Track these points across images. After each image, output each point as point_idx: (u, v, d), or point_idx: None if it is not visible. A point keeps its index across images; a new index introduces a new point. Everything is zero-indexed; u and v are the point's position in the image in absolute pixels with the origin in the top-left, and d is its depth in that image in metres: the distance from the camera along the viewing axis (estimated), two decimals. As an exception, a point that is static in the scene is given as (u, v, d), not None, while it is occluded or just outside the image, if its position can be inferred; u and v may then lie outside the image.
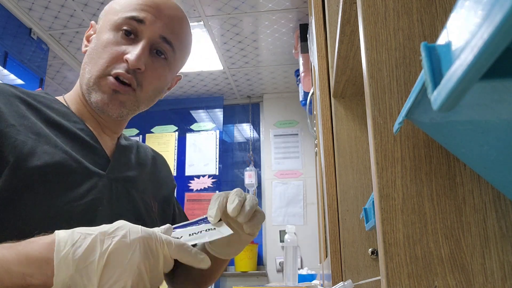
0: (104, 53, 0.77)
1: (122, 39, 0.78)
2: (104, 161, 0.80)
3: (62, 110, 0.80)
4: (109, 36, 0.78)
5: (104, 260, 0.52)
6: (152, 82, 0.81)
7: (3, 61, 2.89)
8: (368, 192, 0.99)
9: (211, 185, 3.98)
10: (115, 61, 0.77)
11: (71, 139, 0.76)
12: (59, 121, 0.77)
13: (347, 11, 0.76)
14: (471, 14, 0.20)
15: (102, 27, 0.81)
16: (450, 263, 0.37)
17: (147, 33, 0.78)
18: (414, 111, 0.33)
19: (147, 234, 0.55)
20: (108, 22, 0.80)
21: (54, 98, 0.82)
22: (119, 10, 0.80)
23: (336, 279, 1.02)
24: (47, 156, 0.69)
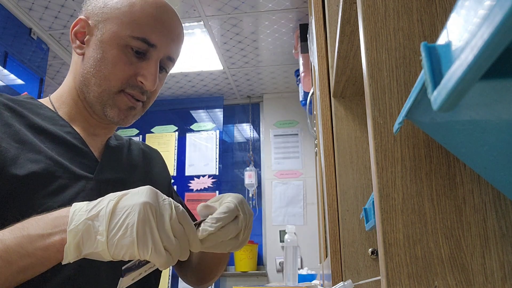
0: (116, 70, 0.77)
1: (133, 58, 0.78)
2: (93, 164, 0.80)
3: (48, 115, 0.80)
4: (118, 53, 0.77)
5: (112, 204, 0.54)
6: (156, 93, 0.86)
7: (3, 61, 2.89)
8: (368, 192, 0.99)
9: (211, 185, 3.98)
10: (128, 80, 0.78)
11: (57, 144, 0.76)
12: (44, 126, 0.77)
13: (347, 11, 0.76)
14: (471, 14, 0.20)
15: (106, 37, 0.78)
16: (450, 263, 0.37)
17: (157, 55, 0.80)
18: (414, 111, 0.33)
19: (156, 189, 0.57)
20: (114, 34, 0.77)
21: (39, 103, 0.82)
22: (126, 24, 0.77)
23: (336, 279, 1.02)
24: (30, 164, 0.69)
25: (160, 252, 0.53)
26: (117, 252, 0.53)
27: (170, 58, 0.83)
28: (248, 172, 4.00)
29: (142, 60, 0.79)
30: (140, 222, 0.53)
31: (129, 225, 0.53)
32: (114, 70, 0.77)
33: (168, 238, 0.54)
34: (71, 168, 0.75)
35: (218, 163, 4.04)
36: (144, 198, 0.54)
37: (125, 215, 0.54)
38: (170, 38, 0.80)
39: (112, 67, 0.77)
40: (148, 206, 0.54)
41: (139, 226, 0.53)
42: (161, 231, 0.54)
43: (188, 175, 4.03)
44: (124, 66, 0.77)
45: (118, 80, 0.78)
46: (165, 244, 0.54)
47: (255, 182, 3.97)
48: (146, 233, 0.53)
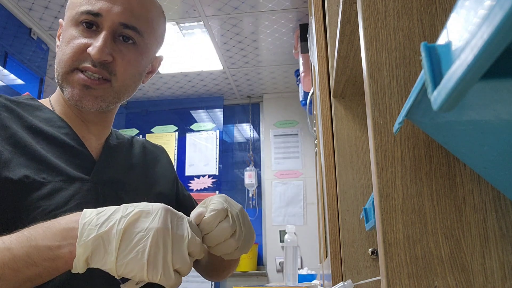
0: (67, 48, 0.76)
1: (84, 33, 0.77)
2: (90, 165, 0.79)
3: (47, 116, 0.80)
4: (71, 32, 0.77)
5: (125, 223, 0.54)
6: (126, 69, 0.79)
7: (3, 61, 2.89)
8: (368, 192, 0.99)
9: (211, 185, 3.98)
10: (79, 55, 0.76)
11: (53, 145, 0.76)
12: (41, 128, 0.76)
13: (347, 11, 0.76)
14: (471, 14, 0.20)
15: (65, 24, 0.80)
16: (450, 263, 0.37)
17: (106, 24, 0.76)
18: (414, 111, 0.33)
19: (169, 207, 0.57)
20: (69, 17, 0.79)
21: (39, 104, 0.82)
22: (76, 4, 0.79)
23: (336, 279, 1.02)
24: (23, 167, 0.69)
25: (169, 276, 0.54)
26: (125, 272, 0.54)
27: (126, 26, 0.78)
28: (248, 172, 4.00)
29: (94, 34, 0.77)
30: (153, 248, 0.53)
31: (141, 249, 0.53)
32: (67, 48, 0.77)
33: (183, 259, 0.55)
34: (66, 170, 0.74)
35: (218, 163, 4.04)
36: (158, 223, 0.55)
37: (137, 238, 0.54)
38: (118, 3, 0.77)
39: (65, 46, 0.77)
40: (162, 232, 0.54)
41: (151, 251, 0.53)
42: (176, 254, 0.55)
43: (188, 175, 4.03)
44: (74, 42, 0.76)
45: (69, 57, 0.76)
46: (179, 266, 0.55)
47: (255, 182, 3.97)
48: (157, 258, 0.53)
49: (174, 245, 0.55)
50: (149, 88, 4.05)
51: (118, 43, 0.78)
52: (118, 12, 0.77)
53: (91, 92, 0.76)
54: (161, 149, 1.02)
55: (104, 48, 0.75)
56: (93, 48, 0.74)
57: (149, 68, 0.89)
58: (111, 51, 0.77)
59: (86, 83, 0.76)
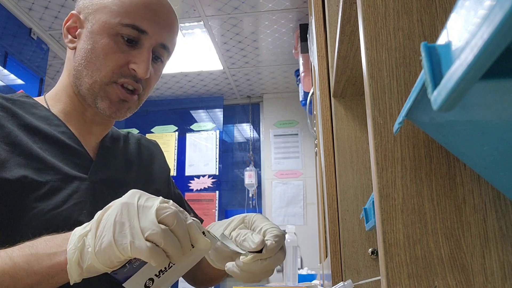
0: (107, 60, 0.76)
1: (123, 46, 0.77)
2: (88, 163, 0.79)
3: (43, 114, 0.79)
4: (109, 42, 0.76)
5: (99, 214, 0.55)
6: (152, 85, 0.83)
7: (3, 61, 2.89)
8: (368, 192, 0.99)
9: (211, 185, 3.98)
10: (120, 69, 0.77)
11: (50, 144, 0.75)
12: (38, 126, 0.75)
13: (347, 11, 0.76)
14: (471, 14, 0.20)
15: (96, 28, 0.77)
16: (450, 263, 0.37)
17: (149, 43, 0.78)
18: (414, 111, 0.33)
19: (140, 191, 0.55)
20: (103, 24, 0.77)
21: (34, 102, 0.81)
22: (115, 13, 0.76)
23: (336, 279, 1.02)
24: (20, 167, 0.68)
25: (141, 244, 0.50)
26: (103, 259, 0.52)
27: (164, 46, 0.81)
28: (248, 172, 4.00)
29: (134, 49, 0.77)
30: (118, 221, 0.51)
31: (107, 227, 0.52)
32: (105, 59, 0.76)
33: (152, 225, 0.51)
34: (63, 169, 0.73)
35: (218, 163, 4.04)
36: (123, 200, 0.53)
37: (106, 221, 0.53)
38: (162, 25, 0.79)
39: (103, 57, 0.76)
40: (126, 205, 0.53)
41: (116, 225, 0.51)
42: (143, 221, 0.51)
43: (188, 175, 4.03)
44: (115, 55, 0.76)
45: (109, 69, 0.76)
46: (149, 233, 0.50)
47: (255, 182, 3.97)
48: (123, 229, 0.51)
49: (141, 214, 0.52)
50: (149, 88, 4.05)
51: (152, 61, 0.81)
52: (162, 33, 0.79)
53: (125, 105, 0.79)
54: (155, 145, 1.02)
55: (149, 67, 0.78)
56: (140, 68, 0.76)
57: None
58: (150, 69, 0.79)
59: (125, 97, 0.78)
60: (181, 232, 0.53)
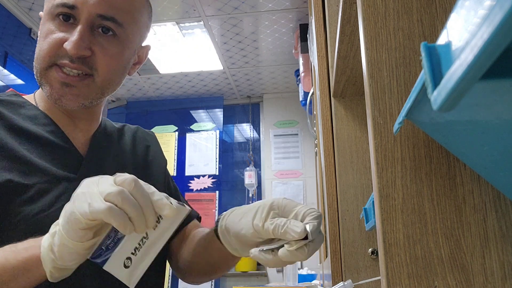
0: (44, 44, 0.73)
1: (60, 26, 0.72)
2: (78, 162, 0.76)
3: (31, 113, 0.77)
4: (48, 26, 0.73)
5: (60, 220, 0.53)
6: (108, 63, 0.75)
7: (3, 61, 2.89)
8: (368, 192, 0.99)
9: (211, 185, 3.98)
10: (56, 50, 0.72)
11: (38, 145, 0.73)
12: (24, 127, 0.73)
13: (347, 11, 0.76)
14: (471, 14, 0.20)
15: (43, 17, 0.76)
16: (450, 263, 0.37)
17: (82, 16, 0.72)
18: (414, 111, 0.33)
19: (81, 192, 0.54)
20: (46, 10, 0.75)
21: (23, 101, 0.79)
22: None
23: (336, 279, 1.02)
24: (5, 173, 0.66)
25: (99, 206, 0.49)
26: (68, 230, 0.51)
27: (104, 17, 0.73)
28: (248, 172, 4.00)
29: (69, 27, 0.72)
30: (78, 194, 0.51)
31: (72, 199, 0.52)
32: (43, 44, 0.73)
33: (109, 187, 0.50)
34: (51, 170, 0.71)
35: (218, 163, 4.05)
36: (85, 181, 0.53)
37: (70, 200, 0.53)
38: None
39: (42, 41, 0.73)
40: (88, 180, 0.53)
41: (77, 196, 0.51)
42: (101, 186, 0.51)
43: (188, 175, 4.03)
44: (50, 36, 0.72)
45: (46, 52, 0.72)
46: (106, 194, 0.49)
47: (255, 182, 3.97)
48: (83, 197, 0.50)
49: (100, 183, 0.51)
50: (149, 88, 4.05)
51: (97, 36, 0.74)
52: (95, 3, 0.72)
53: (71, 90, 0.73)
54: (152, 136, 0.98)
55: (80, 42, 0.70)
56: (69, 43, 0.70)
57: (135, 59, 0.85)
58: (90, 44, 0.72)
59: (65, 80, 0.72)
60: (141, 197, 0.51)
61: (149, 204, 0.52)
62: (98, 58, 0.74)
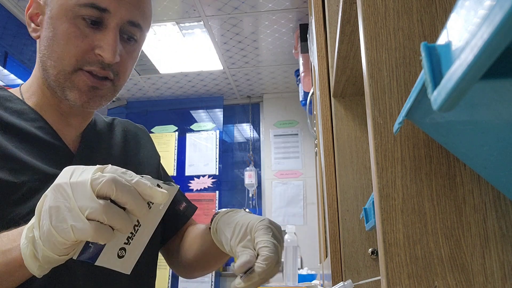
0: (69, 46, 0.69)
1: (86, 28, 0.69)
2: (68, 159, 0.74)
3: (18, 108, 0.73)
4: (69, 27, 0.69)
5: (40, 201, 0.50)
6: (128, 68, 0.76)
7: (3, 61, 2.89)
8: (368, 192, 0.99)
9: (211, 185, 3.98)
10: (84, 55, 0.70)
11: (26, 142, 0.69)
12: (13, 123, 0.70)
13: (347, 11, 0.76)
14: (471, 14, 0.20)
15: (55, 12, 0.70)
16: (450, 263, 0.37)
17: (113, 22, 0.70)
18: (414, 111, 0.33)
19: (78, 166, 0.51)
20: (61, 7, 0.69)
21: (9, 94, 0.75)
22: None
23: (336, 279, 1.02)
24: None
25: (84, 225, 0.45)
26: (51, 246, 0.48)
27: (133, 23, 0.73)
28: (248, 172, 4.00)
29: (98, 31, 0.70)
30: (53, 207, 0.47)
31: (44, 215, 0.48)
32: (67, 46, 0.69)
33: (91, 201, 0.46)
34: (41, 168, 0.68)
35: (218, 163, 4.04)
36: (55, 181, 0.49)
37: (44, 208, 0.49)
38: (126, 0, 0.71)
39: (64, 43, 0.69)
40: (57, 186, 0.48)
41: (52, 210, 0.47)
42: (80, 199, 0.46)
43: (188, 175, 4.03)
44: (76, 40, 0.69)
45: (72, 57, 0.69)
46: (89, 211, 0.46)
47: (255, 182, 3.97)
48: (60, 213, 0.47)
49: (76, 193, 0.46)
50: (149, 88, 4.05)
51: (122, 41, 0.73)
52: (127, 8, 0.71)
53: (97, 93, 0.72)
54: (143, 131, 0.96)
55: (117, 50, 0.70)
56: (106, 52, 0.69)
57: None
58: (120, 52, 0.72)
59: (95, 84, 0.71)
60: (128, 197, 0.48)
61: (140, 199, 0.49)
62: (123, 64, 0.74)
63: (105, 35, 0.70)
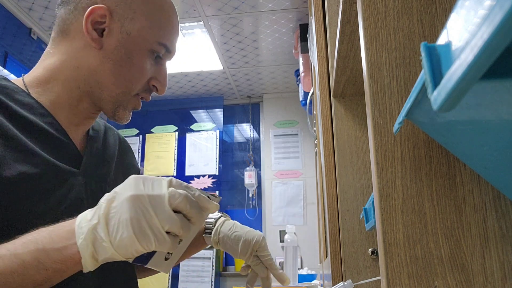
0: (140, 74, 0.77)
1: (152, 61, 0.79)
2: (76, 157, 0.75)
3: (26, 101, 0.73)
4: (145, 58, 0.77)
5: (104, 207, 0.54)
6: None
7: (3, 61, 2.89)
8: (368, 192, 0.99)
9: (211, 185, 3.98)
10: (144, 83, 0.79)
11: (39, 136, 0.70)
12: (24, 116, 0.70)
13: (347, 11, 0.76)
14: (471, 14, 0.20)
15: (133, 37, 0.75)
16: (450, 263, 0.37)
17: (168, 60, 0.82)
18: (414, 111, 0.33)
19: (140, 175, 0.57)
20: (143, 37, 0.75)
21: (14, 86, 0.75)
22: (154, 29, 0.76)
23: (336, 279, 1.02)
24: (17, 164, 0.64)
25: (163, 239, 0.53)
26: (124, 252, 0.53)
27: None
28: (248, 172, 4.00)
29: (157, 65, 0.80)
30: (133, 217, 0.52)
31: (124, 224, 0.52)
32: (139, 73, 0.77)
33: (170, 218, 0.53)
34: (57, 164, 0.70)
35: (218, 163, 4.04)
36: (130, 191, 0.53)
37: (118, 215, 0.53)
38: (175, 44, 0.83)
39: (137, 71, 0.76)
40: (135, 198, 0.53)
41: (133, 221, 0.52)
42: (160, 214, 0.53)
43: (188, 175, 4.03)
44: (147, 71, 0.78)
45: (140, 84, 0.78)
46: (168, 226, 0.53)
47: (255, 182, 3.97)
48: (142, 226, 0.52)
49: (155, 207, 0.53)
50: (149, 88, 4.05)
51: None
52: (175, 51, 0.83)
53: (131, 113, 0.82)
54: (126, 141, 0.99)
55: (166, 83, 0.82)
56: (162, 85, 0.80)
57: None
58: None
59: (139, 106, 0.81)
60: (195, 212, 0.55)
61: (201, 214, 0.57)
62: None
63: (161, 70, 0.80)
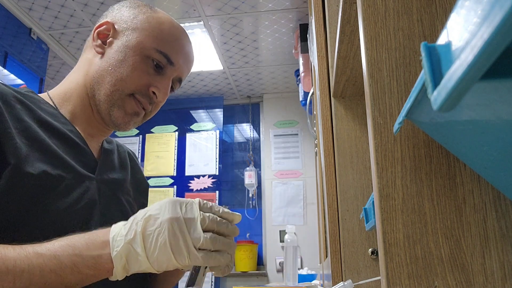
0: (134, 75, 0.80)
1: (151, 69, 0.82)
2: (93, 163, 0.82)
3: (50, 111, 0.80)
4: (139, 61, 0.81)
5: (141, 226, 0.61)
6: (158, 108, 0.89)
7: (3, 61, 2.89)
8: (368, 192, 0.99)
9: (211, 185, 3.98)
10: (141, 88, 0.81)
11: (61, 140, 0.77)
12: (49, 122, 0.77)
13: (347, 11, 0.76)
14: (471, 14, 0.20)
15: (132, 44, 0.81)
16: (450, 263, 0.37)
17: (172, 74, 0.84)
18: (414, 111, 0.33)
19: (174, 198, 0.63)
20: (139, 43, 0.81)
21: (40, 98, 0.82)
22: (153, 38, 0.81)
23: (336, 279, 1.02)
24: (40, 163, 0.70)
25: (195, 256, 0.59)
26: (159, 266, 0.60)
27: (180, 80, 0.88)
28: (248, 172, 4.00)
29: (158, 74, 0.83)
30: (172, 237, 0.59)
31: (162, 242, 0.59)
32: (132, 74, 0.80)
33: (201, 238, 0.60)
34: (75, 167, 0.76)
35: (218, 163, 4.05)
36: (168, 214, 0.61)
37: (156, 234, 0.60)
38: (186, 61, 0.86)
39: (130, 70, 0.80)
40: (174, 221, 0.60)
41: (172, 241, 0.59)
42: (193, 233, 0.60)
43: (188, 175, 4.03)
44: (141, 73, 0.81)
45: (133, 84, 0.80)
46: (200, 244, 0.59)
47: (255, 182, 3.97)
48: (179, 245, 0.59)
49: (189, 228, 0.60)
50: (149, 88, 4.05)
51: None
52: (184, 68, 0.87)
53: (134, 119, 0.84)
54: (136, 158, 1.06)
55: (167, 93, 0.85)
56: (161, 94, 0.83)
57: None
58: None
59: (138, 111, 0.83)
60: (224, 227, 0.63)
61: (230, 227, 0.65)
62: (159, 105, 0.87)
63: (163, 80, 0.83)
